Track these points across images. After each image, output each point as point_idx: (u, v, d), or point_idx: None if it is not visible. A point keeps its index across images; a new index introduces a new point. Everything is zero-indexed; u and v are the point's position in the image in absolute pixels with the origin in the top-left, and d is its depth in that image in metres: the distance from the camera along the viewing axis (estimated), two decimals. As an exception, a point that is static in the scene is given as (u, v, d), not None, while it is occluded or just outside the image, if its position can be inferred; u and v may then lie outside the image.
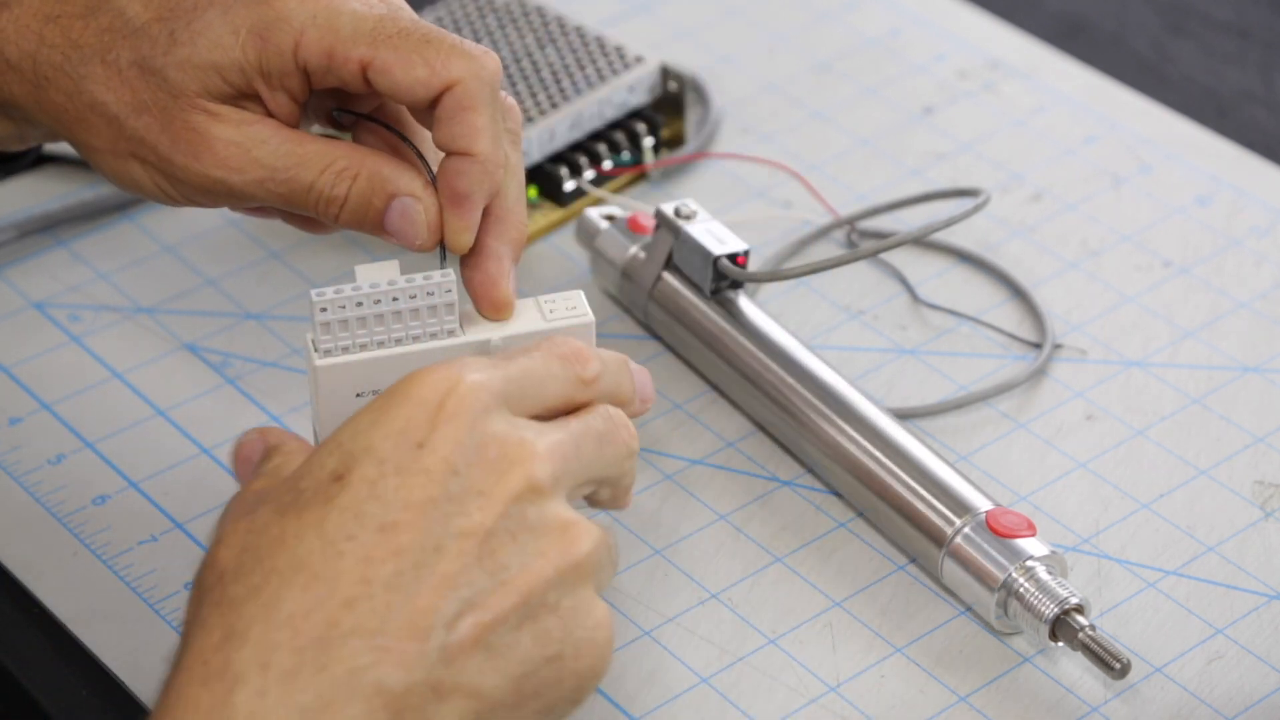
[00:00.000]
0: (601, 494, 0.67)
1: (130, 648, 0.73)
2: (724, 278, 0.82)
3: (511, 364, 0.65)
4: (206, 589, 0.60)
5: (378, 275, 0.72)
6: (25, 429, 0.82)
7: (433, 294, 0.72)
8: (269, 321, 0.87)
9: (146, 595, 0.75)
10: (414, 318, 0.72)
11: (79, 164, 0.94)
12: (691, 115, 0.96)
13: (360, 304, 0.72)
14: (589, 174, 0.92)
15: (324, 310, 0.71)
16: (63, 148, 0.94)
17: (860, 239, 0.91)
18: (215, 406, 0.83)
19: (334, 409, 0.73)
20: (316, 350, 0.72)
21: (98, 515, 0.78)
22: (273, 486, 0.63)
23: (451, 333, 0.73)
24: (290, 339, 0.86)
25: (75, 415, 0.82)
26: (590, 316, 0.74)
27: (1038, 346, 0.85)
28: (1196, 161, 0.95)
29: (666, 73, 0.93)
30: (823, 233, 0.91)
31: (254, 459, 0.67)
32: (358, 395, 0.73)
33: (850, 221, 0.91)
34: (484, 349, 0.73)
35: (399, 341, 0.73)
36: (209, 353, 0.85)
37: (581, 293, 0.74)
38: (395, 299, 0.72)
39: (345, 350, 0.72)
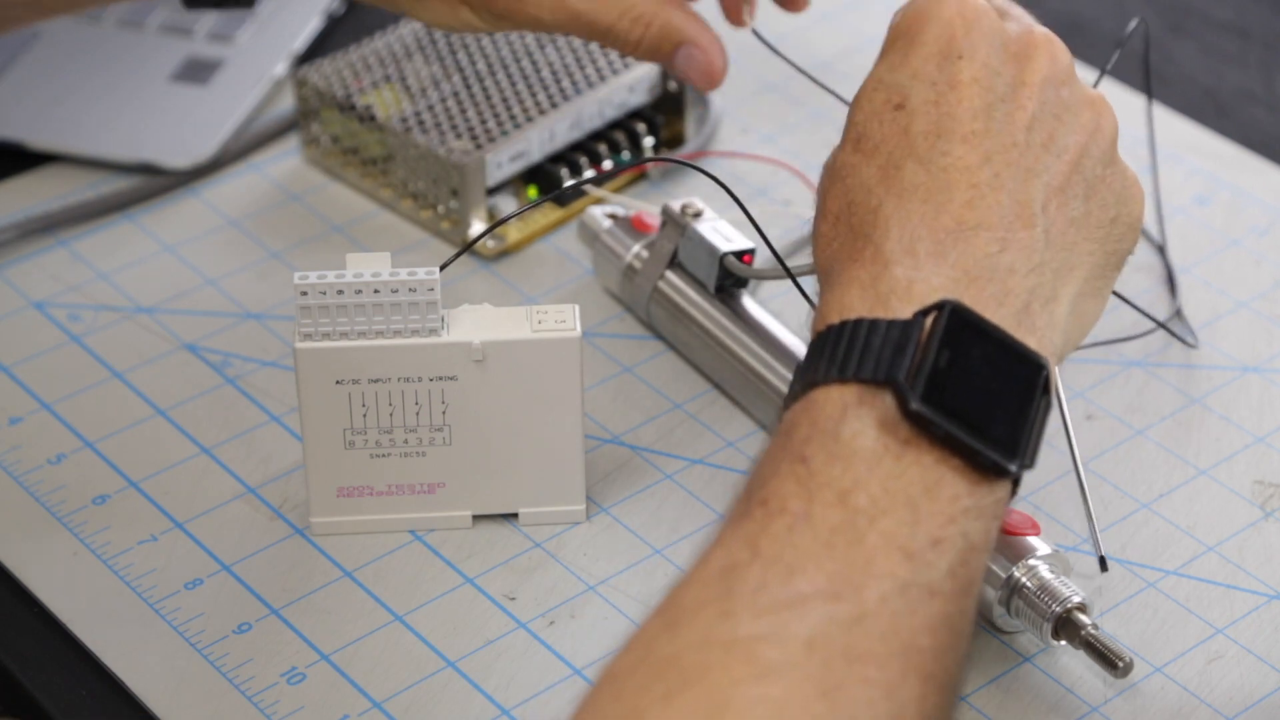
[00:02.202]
0: None
1: (130, 648, 0.73)
2: (730, 275, 0.83)
3: None
4: (826, 238, 0.68)
5: (367, 265, 0.73)
6: (25, 429, 0.82)
7: (415, 290, 0.73)
8: (269, 321, 0.87)
9: (146, 595, 0.75)
10: (395, 312, 0.73)
11: (79, 164, 0.94)
12: (691, 115, 0.96)
13: (341, 291, 0.73)
14: (589, 174, 0.92)
15: (305, 294, 0.72)
16: (62, 148, 0.94)
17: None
18: (215, 406, 0.83)
19: (313, 393, 0.74)
20: (298, 333, 0.73)
21: (98, 515, 0.78)
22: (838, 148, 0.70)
23: (434, 331, 0.74)
24: (291, 339, 0.86)
25: (75, 415, 0.82)
26: (577, 332, 0.74)
27: (1038, 346, 0.85)
28: (1196, 161, 0.95)
29: (666, 73, 0.93)
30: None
31: None
32: (337, 382, 0.74)
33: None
34: (466, 351, 0.74)
35: (380, 334, 0.73)
36: (209, 353, 0.85)
37: (576, 307, 0.75)
38: (376, 290, 0.73)
39: (326, 336, 0.73)
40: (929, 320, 0.62)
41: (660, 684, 0.56)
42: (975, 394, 0.62)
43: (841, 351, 0.62)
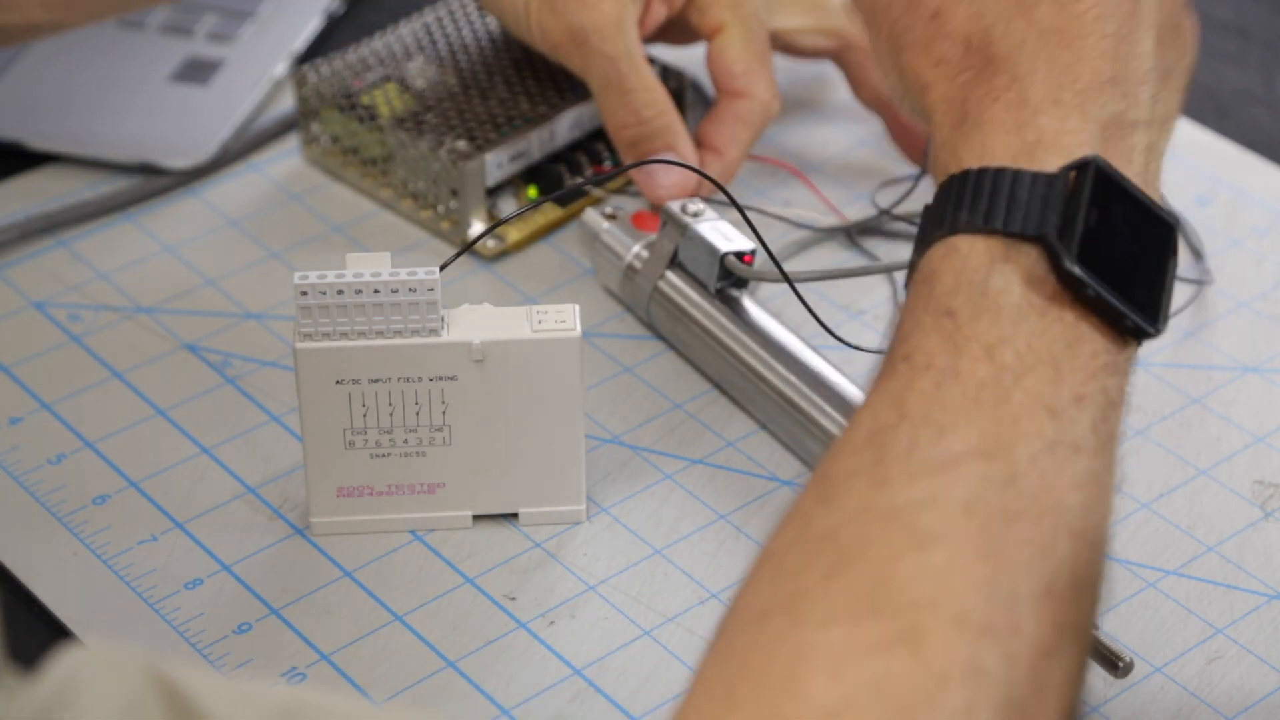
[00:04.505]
0: None
1: (130, 648, 0.73)
2: (730, 275, 0.83)
3: None
4: (954, 64, 0.67)
5: (367, 265, 0.73)
6: (25, 429, 0.82)
7: (415, 290, 0.73)
8: (269, 321, 0.87)
9: (146, 595, 0.75)
10: (395, 312, 0.73)
11: (79, 164, 0.94)
12: (691, 115, 0.96)
13: (341, 291, 0.73)
14: (589, 173, 0.92)
15: (305, 294, 0.73)
16: (62, 148, 0.94)
17: (861, 238, 0.91)
18: (215, 406, 0.83)
19: (313, 393, 0.74)
20: (298, 333, 0.73)
21: (98, 515, 0.78)
22: None
23: (434, 331, 0.74)
24: (291, 339, 0.86)
25: (75, 415, 0.82)
26: (577, 332, 0.74)
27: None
28: (1196, 161, 0.95)
29: (666, 72, 0.93)
30: (824, 235, 0.90)
31: None
32: (337, 382, 0.74)
33: (850, 228, 0.91)
34: (466, 351, 0.74)
35: (380, 334, 0.73)
36: (209, 353, 0.85)
37: (576, 307, 0.75)
38: (377, 290, 0.73)
39: (326, 336, 0.73)
40: (1073, 176, 0.63)
41: (819, 561, 0.56)
42: (1120, 255, 0.62)
43: (985, 200, 0.62)
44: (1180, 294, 0.88)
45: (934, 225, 0.63)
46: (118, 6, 0.88)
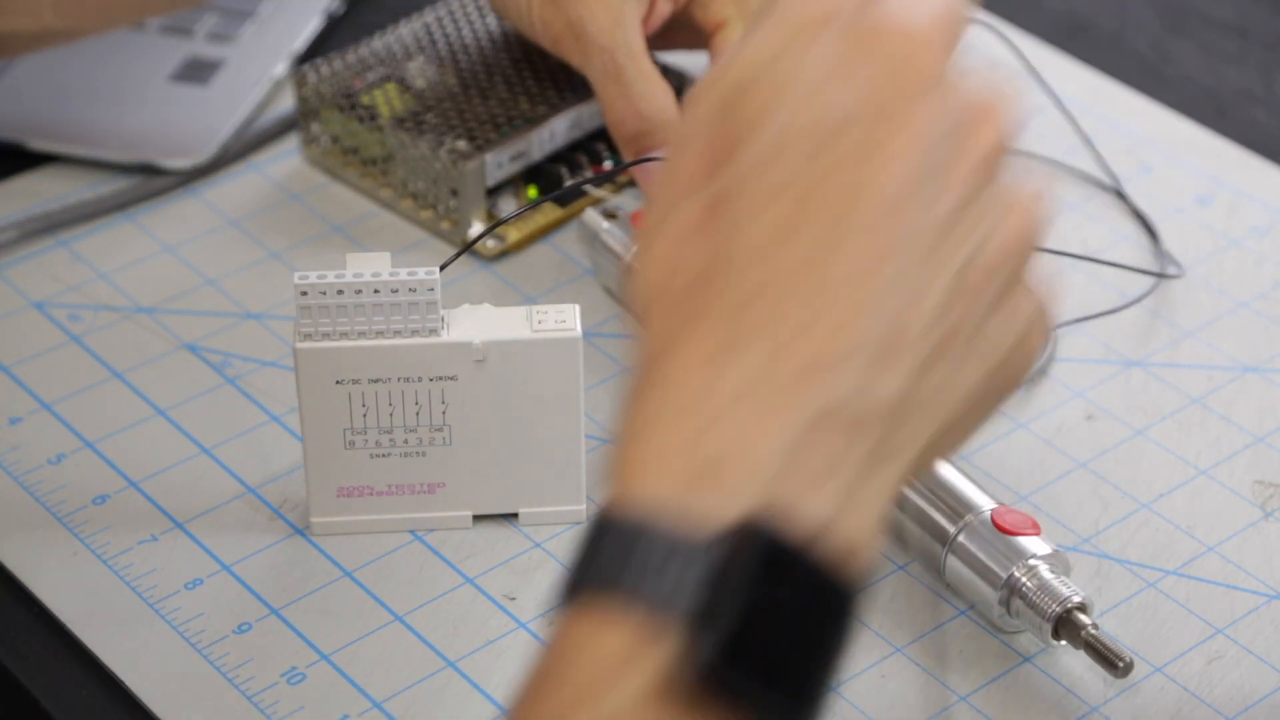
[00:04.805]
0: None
1: (130, 648, 0.73)
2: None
3: None
4: (675, 291, 0.54)
5: (367, 265, 0.73)
6: (25, 429, 0.82)
7: (415, 290, 0.73)
8: (269, 321, 0.87)
9: (146, 595, 0.75)
10: (395, 312, 0.73)
11: (79, 164, 0.94)
12: (691, 115, 0.96)
13: (341, 291, 0.73)
14: (589, 173, 0.92)
15: (305, 294, 0.73)
16: (62, 148, 0.94)
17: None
18: (215, 406, 0.83)
19: (313, 393, 0.74)
20: (298, 333, 0.73)
21: (98, 515, 0.78)
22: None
23: (434, 331, 0.74)
24: (291, 339, 0.86)
25: (75, 415, 0.82)
26: (577, 332, 0.74)
27: (1038, 346, 0.85)
28: (1196, 161, 0.95)
29: (665, 71, 0.93)
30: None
31: None
32: (337, 382, 0.74)
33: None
34: (466, 351, 0.74)
35: (380, 334, 0.73)
36: (209, 353, 0.85)
37: (576, 307, 0.75)
38: (377, 290, 0.73)
39: (326, 336, 0.73)
40: (740, 544, 0.51)
41: None
42: (774, 644, 0.51)
43: (632, 560, 0.51)
44: (1141, 283, 0.88)
45: (582, 569, 0.52)
46: (132, 11, 0.88)
